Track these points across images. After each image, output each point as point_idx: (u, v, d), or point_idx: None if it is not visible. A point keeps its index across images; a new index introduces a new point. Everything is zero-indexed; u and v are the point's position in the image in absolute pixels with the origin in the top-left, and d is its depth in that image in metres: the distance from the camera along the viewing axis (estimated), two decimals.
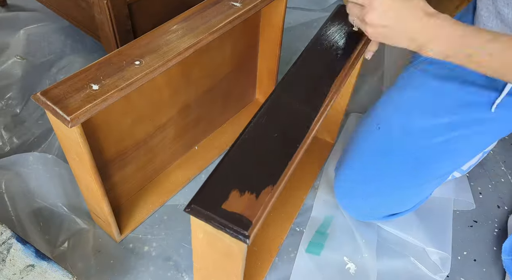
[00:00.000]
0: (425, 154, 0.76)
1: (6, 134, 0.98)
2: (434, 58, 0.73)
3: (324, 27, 0.75)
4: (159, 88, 0.75)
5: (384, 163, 0.78)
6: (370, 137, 0.81)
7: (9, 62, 1.15)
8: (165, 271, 0.78)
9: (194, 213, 0.46)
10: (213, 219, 0.45)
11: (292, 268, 0.80)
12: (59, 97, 0.54)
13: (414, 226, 0.86)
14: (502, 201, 0.95)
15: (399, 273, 0.81)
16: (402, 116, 0.79)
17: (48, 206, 0.84)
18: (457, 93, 0.77)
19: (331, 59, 0.68)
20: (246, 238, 0.44)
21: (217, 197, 0.47)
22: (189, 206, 0.46)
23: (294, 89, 0.62)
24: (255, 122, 0.57)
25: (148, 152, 0.82)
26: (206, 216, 0.46)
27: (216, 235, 0.49)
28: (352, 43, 0.72)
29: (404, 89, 0.82)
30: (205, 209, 0.46)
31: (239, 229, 0.44)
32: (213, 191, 0.48)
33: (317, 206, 0.90)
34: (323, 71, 0.66)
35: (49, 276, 0.60)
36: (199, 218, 0.46)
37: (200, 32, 0.67)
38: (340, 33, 0.74)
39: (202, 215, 0.46)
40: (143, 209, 0.85)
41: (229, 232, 0.45)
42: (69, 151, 0.64)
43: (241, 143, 0.54)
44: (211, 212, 0.46)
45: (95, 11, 0.92)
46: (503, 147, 1.07)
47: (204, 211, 0.46)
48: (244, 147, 0.53)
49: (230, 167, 0.51)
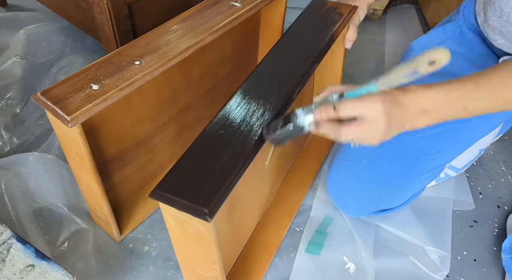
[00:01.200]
0: (414, 147, 0.78)
1: (6, 134, 0.98)
2: None
3: (297, 20, 0.76)
4: (159, 88, 0.75)
5: (374, 157, 0.79)
6: None
7: (9, 62, 1.15)
8: (165, 271, 0.78)
9: (159, 198, 0.47)
10: (175, 202, 0.46)
11: (292, 267, 0.80)
12: (59, 97, 0.54)
13: (413, 225, 0.86)
14: (502, 201, 0.95)
15: (398, 272, 0.81)
16: None
17: (48, 206, 0.84)
18: None
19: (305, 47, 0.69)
20: (206, 215, 0.45)
21: (180, 180, 0.48)
22: (153, 191, 0.47)
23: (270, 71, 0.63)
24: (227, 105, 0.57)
25: (148, 152, 0.82)
26: (169, 199, 0.47)
27: (185, 219, 0.50)
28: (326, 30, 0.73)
29: None
30: (167, 192, 0.47)
31: (200, 208, 0.45)
32: (177, 176, 0.49)
33: (317, 205, 0.90)
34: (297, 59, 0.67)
35: (49, 276, 0.60)
36: (164, 202, 0.47)
37: (200, 32, 0.68)
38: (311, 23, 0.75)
39: (166, 199, 0.47)
40: (143, 209, 0.85)
41: (192, 212, 0.46)
42: (69, 151, 0.64)
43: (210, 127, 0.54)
44: (173, 195, 0.47)
45: (95, 11, 0.92)
46: (503, 147, 1.07)
47: (167, 195, 0.47)
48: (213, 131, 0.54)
49: (196, 152, 0.52)
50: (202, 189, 0.47)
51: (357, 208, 0.82)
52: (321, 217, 0.88)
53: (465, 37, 0.85)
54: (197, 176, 0.48)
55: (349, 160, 0.81)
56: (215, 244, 0.52)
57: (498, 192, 0.97)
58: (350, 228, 0.86)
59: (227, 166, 0.49)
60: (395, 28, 1.41)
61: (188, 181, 0.48)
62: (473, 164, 1.02)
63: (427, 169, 0.79)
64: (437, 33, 0.88)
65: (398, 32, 1.41)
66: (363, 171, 0.79)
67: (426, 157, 0.78)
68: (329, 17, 0.77)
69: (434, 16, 1.41)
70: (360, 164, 0.79)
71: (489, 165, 1.03)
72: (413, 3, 1.57)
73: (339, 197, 0.82)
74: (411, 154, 0.78)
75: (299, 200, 0.90)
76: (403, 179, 0.78)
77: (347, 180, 0.80)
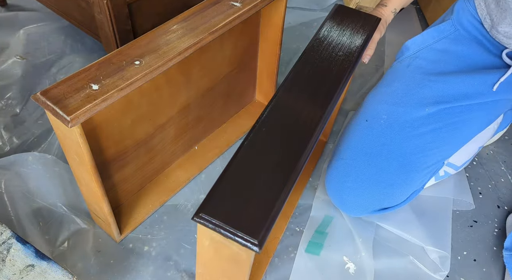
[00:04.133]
0: (412, 144, 0.79)
1: (6, 134, 0.98)
2: (418, 54, 0.78)
3: (322, 27, 0.75)
4: (159, 88, 0.75)
5: (372, 155, 0.79)
6: (358, 130, 0.83)
7: (9, 62, 1.15)
8: (165, 271, 0.78)
9: (203, 222, 0.46)
10: (221, 228, 0.45)
11: (291, 268, 0.80)
12: (59, 97, 0.54)
13: (413, 225, 0.86)
14: (502, 201, 0.95)
15: (398, 272, 0.81)
16: (389, 108, 0.83)
17: (48, 206, 0.84)
18: (440, 85, 0.82)
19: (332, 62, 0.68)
20: (255, 246, 0.44)
21: (224, 205, 0.47)
22: (197, 214, 0.46)
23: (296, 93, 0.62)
24: (257, 128, 0.56)
25: (148, 152, 0.82)
26: (214, 224, 0.45)
27: (224, 243, 0.48)
28: (352, 44, 0.72)
29: (390, 83, 0.87)
30: (213, 217, 0.45)
31: (249, 238, 0.44)
32: (220, 200, 0.47)
33: (317, 205, 0.90)
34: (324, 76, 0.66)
35: (49, 276, 0.60)
36: (207, 227, 0.46)
37: (200, 32, 0.67)
38: (339, 33, 0.74)
39: (210, 224, 0.45)
40: (143, 209, 0.85)
41: (238, 241, 0.44)
42: (69, 151, 0.64)
43: (245, 151, 0.53)
44: (219, 220, 0.45)
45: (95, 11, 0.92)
46: (503, 147, 1.07)
47: (213, 220, 0.45)
48: (249, 154, 0.52)
49: (236, 175, 0.50)
50: (250, 217, 0.45)
51: (357, 207, 0.82)
52: (321, 217, 0.88)
53: (460, 37, 0.86)
54: (241, 202, 0.47)
55: (348, 159, 0.81)
56: (249, 268, 0.52)
57: (498, 192, 0.97)
58: (350, 228, 0.86)
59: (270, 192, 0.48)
60: (395, 28, 1.41)
61: (232, 206, 0.47)
62: (473, 164, 1.02)
63: (426, 166, 0.80)
64: (432, 33, 0.89)
65: (398, 32, 1.41)
66: (362, 169, 0.79)
67: (424, 154, 0.79)
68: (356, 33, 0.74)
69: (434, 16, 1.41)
70: (359, 163, 0.80)
71: (489, 165, 1.03)
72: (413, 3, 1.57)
73: (339, 197, 0.82)
74: (409, 152, 0.78)
75: (294, 202, 0.90)
76: (402, 177, 0.78)
77: (346, 179, 0.80)
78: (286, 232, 0.85)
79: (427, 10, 1.48)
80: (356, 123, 0.85)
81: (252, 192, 0.48)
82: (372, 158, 0.79)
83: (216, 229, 0.45)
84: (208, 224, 0.46)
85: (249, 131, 0.55)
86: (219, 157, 0.98)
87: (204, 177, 0.94)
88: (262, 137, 0.55)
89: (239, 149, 0.53)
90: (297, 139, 0.55)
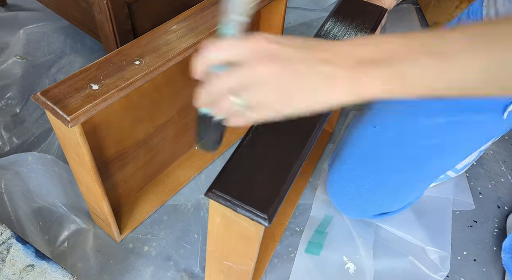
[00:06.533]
0: (419, 155, 0.77)
1: (6, 134, 0.98)
2: None
3: (323, 26, 0.75)
4: (159, 88, 0.75)
5: (378, 162, 0.78)
6: (364, 135, 0.81)
7: (9, 62, 1.15)
8: (165, 271, 0.78)
9: (215, 198, 0.48)
10: (233, 203, 0.47)
11: (291, 268, 0.80)
12: (59, 97, 0.54)
13: (413, 225, 0.86)
14: (502, 201, 0.95)
15: (398, 272, 0.81)
16: (399, 118, 0.80)
17: (48, 206, 0.84)
18: None
19: None
20: (265, 221, 0.46)
21: (236, 182, 0.49)
22: (210, 190, 0.48)
23: None
24: None
25: (148, 152, 0.82)
26: (226, 200, 0.48)
27: (235, 218, 0.51)
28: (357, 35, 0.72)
29: None
30: (225, 193, 0.48)
31: (259, 213, 0.46)
32: (232, 177, 0.50)
33: (316, 205, 0.90)
34: None
35: (49, 276, 0.60)
36: (219, 202, 0.48)
37: (200, 32, 0.67)
38: (344, 26, 0.74)
39: (222, 200, 0.48)
40: (143, 209, 0.85)
41: (249, 216, 0.47)
42: (69, 151, 0.64)
43: (256, 131, 0.55)
44: (231, 196, 0.48)
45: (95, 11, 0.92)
46: (503, 147, 1.07)
47: (225, 196, 0.48)
48: (258, 136, 0.55)
49: (246, 154, 0.53)
50: (260, 194, 0.48)
51: (357, 211, 0.82)
52: (321, 217, 0.88)
53: None
54: (251, 179, 0.50)
55: (352, 164, 0.80)
56: (258, 243, 0.54)
57: (498, 192, 0.97)
58: (350, 228, 0.86)
59: (280, 170, 0.50)
60: (395, 28, 1.41)
61: (244, 183, 0.49)
62: (473, 164, 1.02)
63: (428, 176, 0.79)
64: None
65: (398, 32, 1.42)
66: (366, 177, 0.78)
67: (427, 166, 0.77)
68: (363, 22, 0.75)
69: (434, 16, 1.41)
70: (363, 171, 0.79)
71: (489, 165, 1.03)
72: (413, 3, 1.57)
73: (340, 201, 0.82)
74: (415, 162, 0.77)
75: (294, 202, 0.90)
76: (403, 187, 0.78)
77: (348, 184, 0.80)
78: (286, 232, 0.85)
79: (427, 10, 1.48)
80: (362, 127, 0.82)
81: (262, 171, 0.50)
82: (377, 165, 0.78)
83: (227, 205, 0.48)
84: (220, 200, 0.48)
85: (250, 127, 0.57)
86: (219, 157, 0.98)
87: (204, 177, 0.94)
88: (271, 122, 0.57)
89: (250, 130, 0.56)
90: (305, 123, 0.57)
